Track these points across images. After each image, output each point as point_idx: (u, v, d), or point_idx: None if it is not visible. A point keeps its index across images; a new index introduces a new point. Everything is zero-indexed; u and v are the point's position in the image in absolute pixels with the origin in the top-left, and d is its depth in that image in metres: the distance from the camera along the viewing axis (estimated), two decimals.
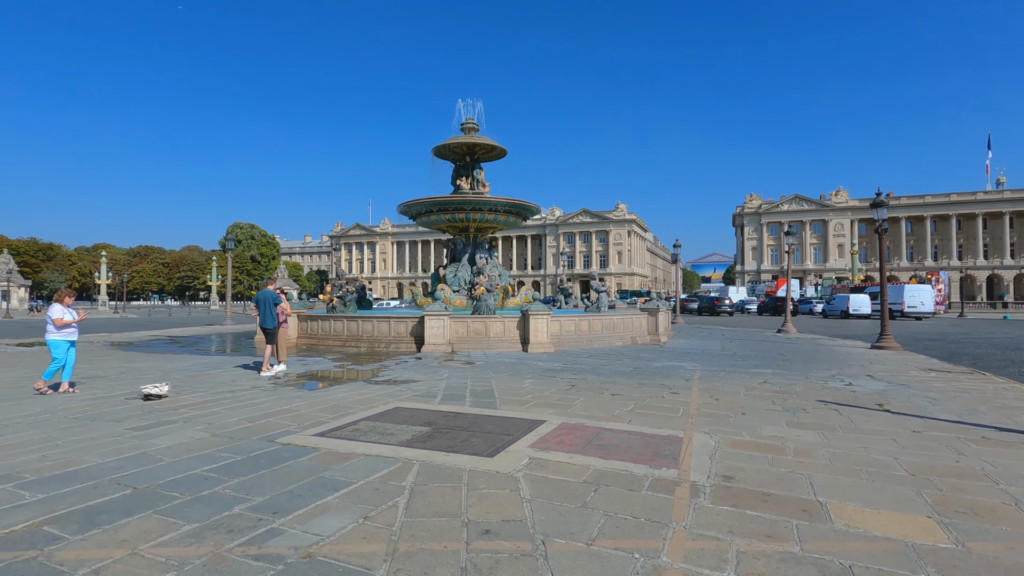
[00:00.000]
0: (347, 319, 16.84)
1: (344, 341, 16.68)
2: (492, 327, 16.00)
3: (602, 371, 12.22)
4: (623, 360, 14.38)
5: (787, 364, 13.81)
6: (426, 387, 9.75)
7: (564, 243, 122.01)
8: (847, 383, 10.85)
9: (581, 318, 17.20)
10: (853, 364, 13.89)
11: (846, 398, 9.14)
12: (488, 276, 18.13)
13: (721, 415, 7.68)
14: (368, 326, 16.45)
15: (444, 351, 15.32)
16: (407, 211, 22.51)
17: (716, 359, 14.84)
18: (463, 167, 23.64)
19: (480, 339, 15.93)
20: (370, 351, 16.00)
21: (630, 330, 18.51)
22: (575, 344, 16.79)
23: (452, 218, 21.84)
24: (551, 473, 4.97)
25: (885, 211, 17.77)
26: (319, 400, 8.45)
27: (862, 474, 5.10)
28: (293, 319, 17.83)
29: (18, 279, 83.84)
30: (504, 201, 21.41)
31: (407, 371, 11.82)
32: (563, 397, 8.89)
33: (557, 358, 14.44)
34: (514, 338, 16.08)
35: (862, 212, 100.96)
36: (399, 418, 7.03)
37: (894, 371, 12.62)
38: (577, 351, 15.97)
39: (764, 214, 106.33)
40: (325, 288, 20.14)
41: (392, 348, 15.99)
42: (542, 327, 15.74)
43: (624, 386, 10.17)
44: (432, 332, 15.40)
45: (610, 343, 17.60)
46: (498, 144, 23.37)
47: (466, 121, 23.80)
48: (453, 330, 15.89)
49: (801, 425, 7.11)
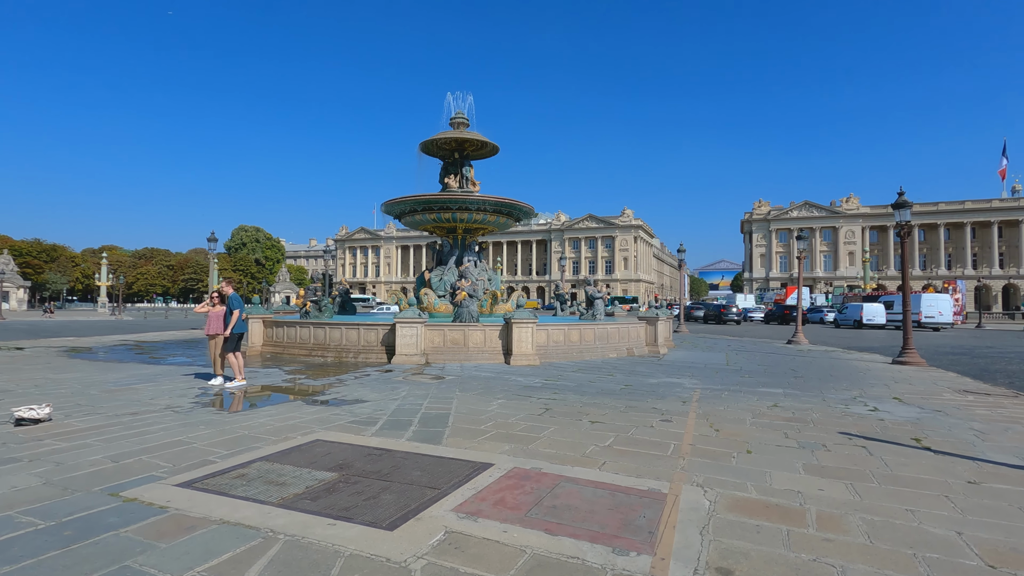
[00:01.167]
0: (314, 326, 15.37)
1: (310, 350, 15.20)
2: (472, 336, 14.48)
3: (587, 389, 10.65)
4: (615, 375, 12.82)
5: (800, 382, 12.19)
6: (371, 410, 8.23)
7: (569, 248, 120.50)
8: (872, 408, 9.24)
9: (571, 327, 15.64)
10: (875, 383, 12.25)
11: (874, 429, 7.54)
12: (472, 280, 16.63)
13: (721, 454, 6.12)
14: (336, 334, 14.97)
15: (417, 362, 13.80)
16: (390, 210, 21.08)
17: (720, 375, 13.24)
18: (451, 164, 22.19)
19: (458, 349, 14.41)
20: (337, 361, 14.52)
21: (626, 340, 16.92)
22: (564, 356, 15.22)
23: (438, 218, 20.37)
24: (467, 563, 3.42)
25: (908, 212, 16.11)
26: (230, 427, 6.95)
27: (919, 564, 3.54)
28: (258, 325, 16.39)
29: (17, 280, 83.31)
30: (493, 200, 19.92)
31: (361, 388, 10.30)
32: (531, 426, 7.34)
33: (540, 372, 12.90)
34: (496, 349, 14.55)
35: (874, 219, 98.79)
36: (308, 458, 5.51)
37: (924, 393, 10.97)
38: (565, 364, 14.41)
39: (773, 220, 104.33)
40: (298, 291, 18.69)
41: (361, 358, 14.49)
42: (526, 337, 14.20)
43: (608, 410, 8.61)
44: (404, 341, 13.89)
45: (603, 355, 16.01)
46: (489, 140, 21.92)
47: (455, 116, 22.37)
48: (428, 339, 14.38)
49: (823, 471, 5.54)
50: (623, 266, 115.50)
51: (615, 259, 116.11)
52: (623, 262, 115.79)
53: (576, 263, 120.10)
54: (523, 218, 22.46)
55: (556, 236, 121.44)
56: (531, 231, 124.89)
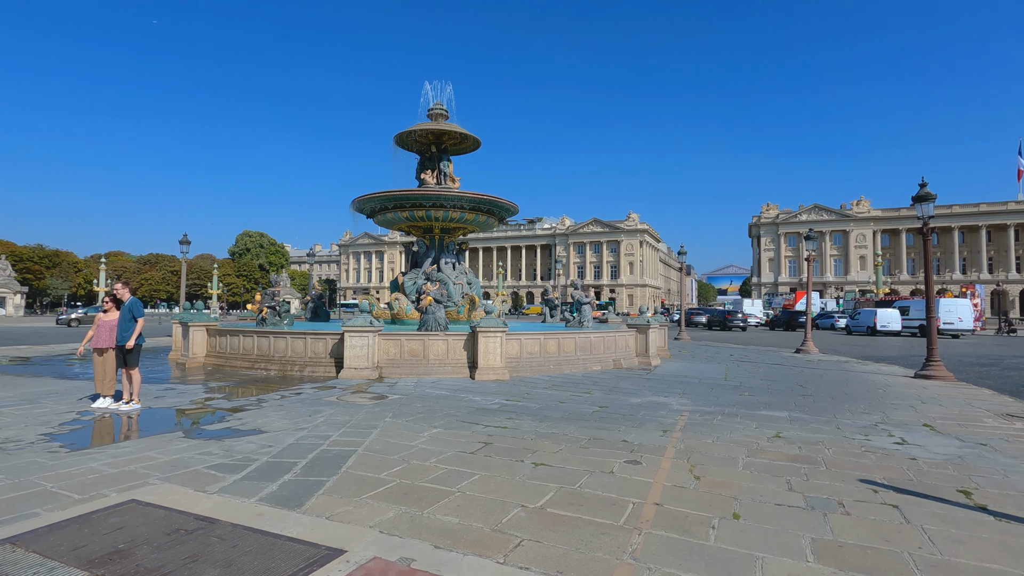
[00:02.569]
0: (258, 335, 13.67)
1: (253, 363, 13.50)
2: (432, 347, 12.73)
3: (551, 413, 8.86)
4: (592, 393, 11.02)
5: (809, 402, 10.33)
6: (259, 446, 6.49)
7: (574, 253, 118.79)
8: (899, 440, 7.40)
9: (548, 336, 13.83)
10: (898, 403, 10.35)
11: (906, 475, 5.72)
12: (440, 283, 14.91)
13: (695, 521, 4.34)
14: (281, 344, 13.26)
15: (367, 377, 12.06)
16: (360, 208, 19.42)
17: (715, 392, 11.39)
18: (428, 159, 20.51)
19: (417, 362, 12.67)
20: (281, 375, 12.81)
21: (612, 351, 15.08)
22: (539, 369, 13.42)
23: (410, 216, 18.66)
24: None
25: (931, 206, 14.22)
26: (50, 474, 5.24)
27: None
28: (201, 334, 14.73)
29: (14, 285, 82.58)
30: (470, 196, 18.20)
31: (275, 412, 8.55)
32: (450, 472, 5.58)
33: (506, 389, 11.12)
34: (460, 361, 12.79)
35: (885, 222, 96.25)
36: (83, 536, 3.78)
37: (960, 417, 9.09)
38: (539, 379, 12.62)
39: (782, 224, 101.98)
40: (255, 296, 17.05)
41: (307, 372, 12.77)
42: (494, 348, 12.43)
43: (566, 444, 6.82)
44: (353, 353, 12.16)
45: (586, 368, 14.20)
46: (470, 133, 20.23)
47: (433, 107, 20.70)
48: (383, 350, 12.65)
49: (841, 555, 3.75)
50: (629, 271, 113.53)
51: (621, 264, 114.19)
52: (629, 267, 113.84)
53: (581, 268, 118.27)
54: (506, 216, 20.74)
55: (561, 241, 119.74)
56: (535, 236, 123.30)
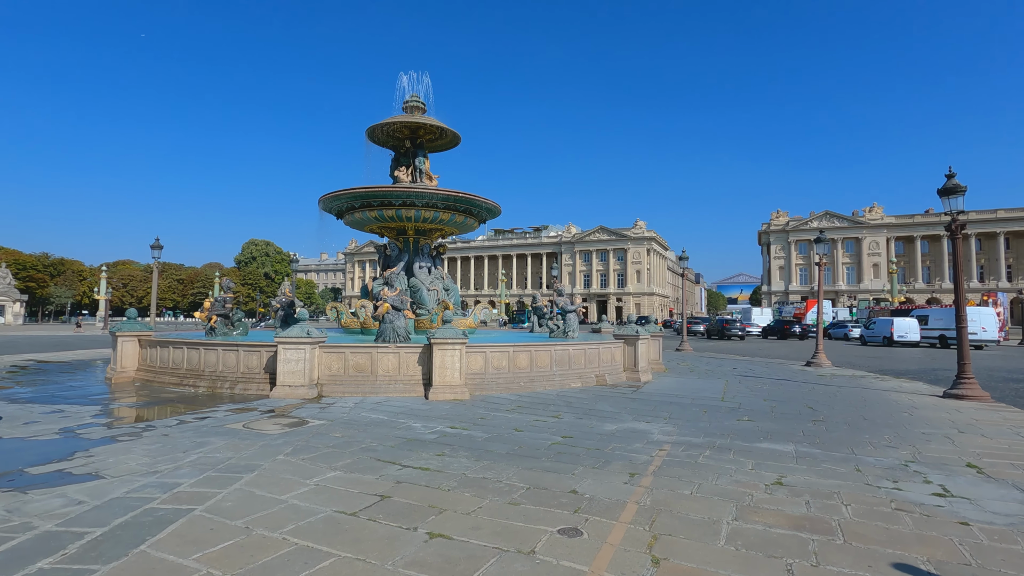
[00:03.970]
0: (188, 347, 12.04)
1: (182, 378, 11.88)
2: (382, 361, 11.03)
3: (497, 447, 7.13)
4: (562, 417, 9.26)
5: (821, 431, 8.50)
6: (69, 500, 4.81)
7: (580, 261, 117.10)
8: (939, 489, 5.60)
9: (519, 349, 12.07)
10: (931, 432, 8.50)
11: (958, 552, 3.92)
12: (400, 288, 13.24)
13: None
14: (212, 357, 11.62)
15: (302, 396, 10.38)
16: (328, 207, 17.86)
17: (709, 417, 9.59)
18: (403, 155, 18.94)
19: (363, 379, 10.97)
20: (209, 392, 11.17)
21: (595, 365, 13.29)
22: (507, 386, 11.66)
23: (380, 216, 17.05)
24: None
25: (961, 199, 12.38)
26: None
27: None
28: (132, 345, 13.14)
29: (13, 293, 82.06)
30: (444, 194, 16.57)
31: (147, 445, 6.87)
32: (296, 552, 3.86)
33: (458, 413, 9.39)
34: (413, 378, 11.08)
35: (899, 229, 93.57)
36: None
37: (1013, 454, 7.23)
38: (504, 398, 10.87)
39: (792, 231, 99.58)
40: (203, 304, 15.46)
41: (238, 389, 11.11)
42: (452, 362, 10.71)
43: (494, 496, 5.11)
44: (287, 368, 10.49)
45: (563, 384, 12.42)
46: (448, 127, 18.65)
47: (409, 99, 19.15)
48: (324, 365, 10.97)
49: None
50: (636, 279, 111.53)
51: (628, 272, 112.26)
52: (636, 275, 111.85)
53: (587, 276, 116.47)
54: (487, 217, 19.10)
55: (567, 248, 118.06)
56: (541, 243, 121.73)
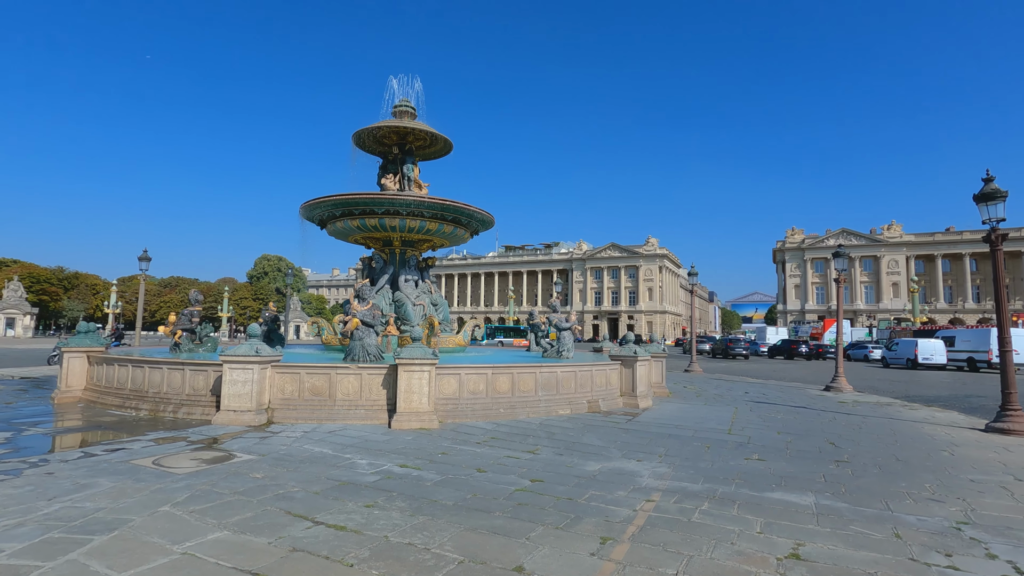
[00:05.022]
0: (133, 365, 10.88)
1: (125, 399, 10.71)
2: (341, 384, 9.78)
3: (445, 494, 5.82)
4: (538, 452, 7.93)
5: (846, 475, 7.06)
6: None
7: (591, 278, 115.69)
8: (1009, 571, 4.18)
9: (499, 371, 10.74)
10: (981, 479, 7.02)
11: None
12: (371, 302, 12.03)
13: None
14: (157, 377, 10.44)
15: (248, 422, 9.14)
16: (309, 215, 16.80)
17: (712, 454, 8.19)
18: (391, 162, 17.89)
19: (320, 403, 9.72)
20: (152, 416, 9.98)
21: (587, 390, 11.90)
22: (485, 413, 10.32)
23: (361, 225, 15.95)
24: None
25: (1002, 206, 10.93)
26: None
27: None
28: (80, 362, 12.04)
29: (24, 306, 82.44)
30: (429, 201, 15.44)
31: (12, 488, 5.64)
32: None
33: (418, 447, 8.09)
34: (377, 403, 9.80)
35: (919, 247, 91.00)
36: None
37: None
38: (479, 428, 9.54)
39: (808, 249, 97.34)
40: (169, 317, 14.37)
41: (182, 413, 9.90)
42: (419, 386, 9.43)
43: (417, 571, 3.80)
44: (232, 391, 9.28)
45: (549, 411, 11.05)
46: (440, 133, 17.61)
47: (399, 103, 18.15)
48: (277, 387, 9.75)
49: None
50: (648, 297, 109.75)
51: (639, 290, 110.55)
52: (648, 293, 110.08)
53: (598, 293, 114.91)
54: (480, 228, 17.93)
55: (577, 265, 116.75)
56: (552, 260, 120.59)
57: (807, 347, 47.39)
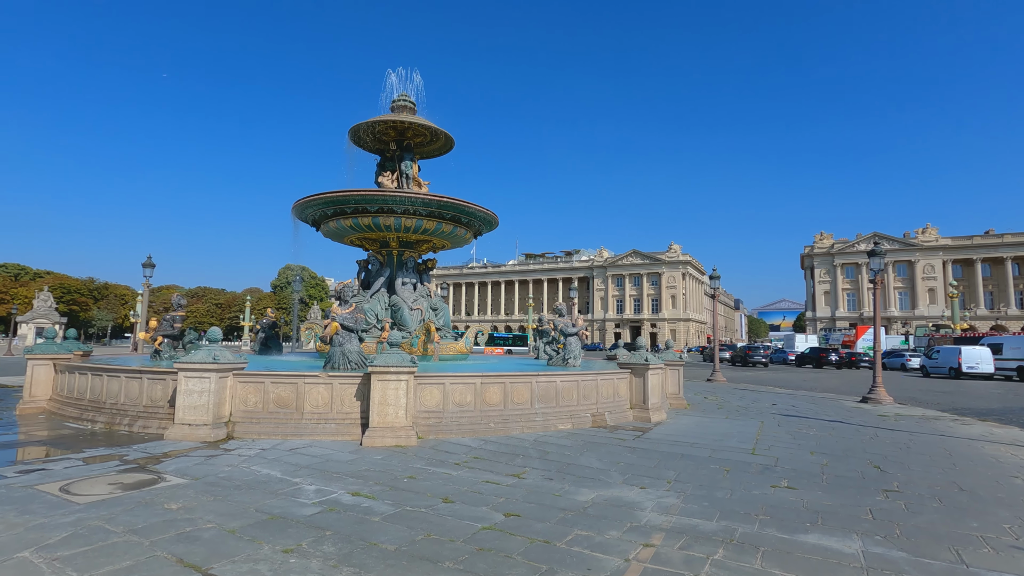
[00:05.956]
0: (93, 374, 9.99)
1: (83, 410, 9.84)
2: (310, 395, 8.72)
3: (392, 534, 4.67)
4: (524, 476, 6.74)
5: (898, 509, 5.70)
6: None
7: (613, 286, 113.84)
8: None
9: (489, 381, 9.55)
10: None
11: None
12: (354, 305, 11.00)
13: None
14: (115, 386, 9.54)
15: (203, 438, 8.14)
16: (302, 215, 15.93)
17: (731, 479, 6.88)
18: (389, 159, 16.95)
19: (286, 416, 8.68)
20: (107, 430, 9.07)
21: (591, 401, 10.62)
22: (473, 428, 9.15)
23: (355, 224, 15.00)
24: None
25: None
26: None
27: None
28: (46, 370, 11.23)
29: (53, 316, 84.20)
30: (425, 198, 14.41)
31: None
32: None
33: (388, 467, 6.96)
34: (350, 416, 8.72)
35: (957, 251, 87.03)
36: None
37: None
38: (464, 445, 8.38)
39: (837, 255, 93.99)
40: (149, 324, 13.55)
41: (138, 427, 8.96)
42: (395, 398, 8.32)
43: None
44: (187, 402, 8.30)
45: (547, 426, 9.82)
46: (441, 129, 16.63)
47: (398, 98, 17.22)
48: (239, 398, 8.74)
49: None
50: (671, 304, 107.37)
51: (662, 297, 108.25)
52: (671, 300, 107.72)
53: (620, 301, 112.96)
54: (482, 228, 16.83)
55: (598, 273, 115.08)
56: (572, 268, 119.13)
57: (837, 355, 45.44)
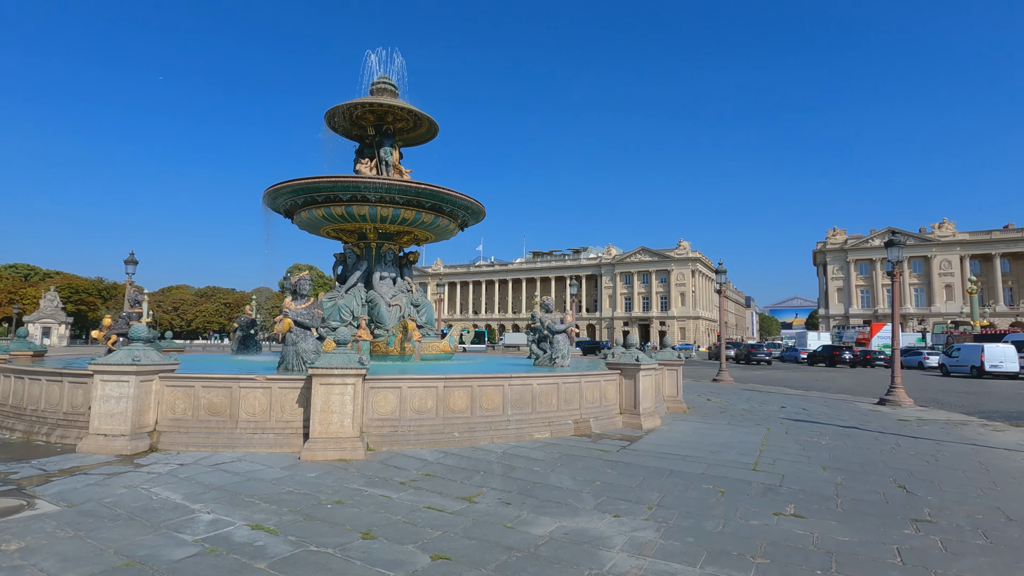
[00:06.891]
0: (15, 376, 8.95)
1: (4, 416, 8.82)
2: (246, 401, 7.65)
3: None
4: (479, 498, 5.62)
5: (932, 549, 4.46)
6: None
7: (621, 284, 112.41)
8: None
9: (453, 384, 8.42)
10: None
11: None
12: (311, 300, 9.92)
13: None
14: (36, 390, 8.53)
15: (122, 450, 7.09)
16: (273, 204, 14.89)
17: (725, 503, 5.71)
18: (368, 146, 15.88)
19: (219, 424, 7.62)
20: (24, 440, 8.07)
21: (573, 407, 9.46)
22: (434, 439, 8.03)
23: (328, 214, 13.95)
24: None
25: None
26: None
27: None
28: None
29: (60, 316, 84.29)
30: (399, 185, 13.33)
31: None
32: None
33: (319, 487, 5.88)
34: (291, 424, 7.65)
35: (975, 247, 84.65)
36: None
37: None
38: (419, 458, 7.28)
39: (851, 251, 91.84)
40: (103, 321, 12.60)
41: (56, 436, 7.94)
42: (340, 404, 7.23)
43: None
44: (105, 408, 7.26)
45: (521, 434, 8.68)
46: (424, 113, 15.53)
47: (378, 80, 16.13)
48: (167, 404, 7.69)
49: None
50: (680, 302, 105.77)
51: (671, 295, 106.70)
52: (680, 298, 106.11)
53: (628, 299, 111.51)
54: (467, 218, 15.72)
55: (607, 270, 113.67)
56: (580, 265, 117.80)
57: (851, 353, 43.92)
